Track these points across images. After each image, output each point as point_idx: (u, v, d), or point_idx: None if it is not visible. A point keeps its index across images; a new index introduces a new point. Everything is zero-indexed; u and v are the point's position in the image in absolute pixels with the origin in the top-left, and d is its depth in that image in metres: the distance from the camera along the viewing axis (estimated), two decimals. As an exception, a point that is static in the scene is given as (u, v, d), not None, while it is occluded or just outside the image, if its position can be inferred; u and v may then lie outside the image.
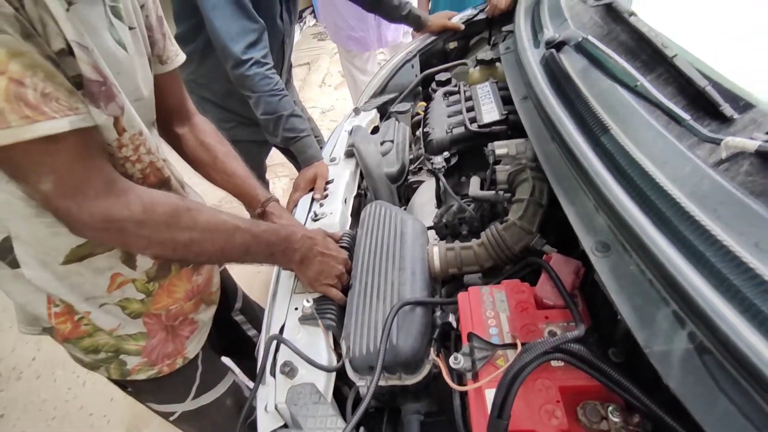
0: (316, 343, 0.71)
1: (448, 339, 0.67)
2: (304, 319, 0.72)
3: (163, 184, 0.69)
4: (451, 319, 0.67)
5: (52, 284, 0.62)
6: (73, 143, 0.45)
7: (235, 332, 1.08)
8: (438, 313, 0.68)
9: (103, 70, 0.54)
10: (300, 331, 0.73)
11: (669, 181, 0.50)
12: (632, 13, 0.75)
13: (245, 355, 1.09)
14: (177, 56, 0.77)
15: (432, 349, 0.64)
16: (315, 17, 4.61)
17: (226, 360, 1.04)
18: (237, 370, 1.11)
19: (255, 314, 1.12)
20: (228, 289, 1.03)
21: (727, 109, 0.51)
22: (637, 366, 0.51)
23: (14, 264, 0.59)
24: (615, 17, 0.81)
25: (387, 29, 2.07)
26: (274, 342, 0.71)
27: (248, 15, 1.09)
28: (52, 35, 0.46)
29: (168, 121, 0.81)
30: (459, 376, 0.59)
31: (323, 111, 3.47)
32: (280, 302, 0.79)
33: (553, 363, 0.52)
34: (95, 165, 0.49)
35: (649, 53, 0.68)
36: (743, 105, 0.52)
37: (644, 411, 0.45)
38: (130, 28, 0.62)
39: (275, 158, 3.07)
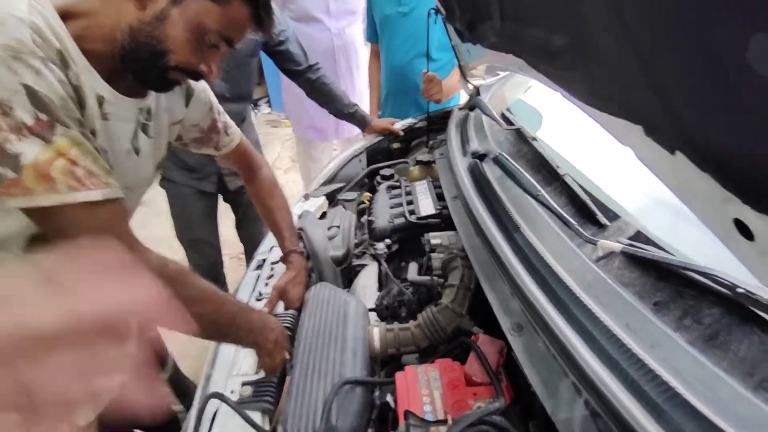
0: (249, 429, 0.69)
1: (385, 419, 0.69)
2: (242, 402, 0.70)
3: None
4: (389, 399, 0.70)
5: None
6: (106, 211, 0.55)
7: None
8: (377, 393, 0.71)
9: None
10: (234, 416, 0.70)
11: (565, 271, 0.62)
12: (534, 138, 0.96)
13: (164, 430, 0.99)
14: (231, 143, 0.96)
15: (370, 430, 0.66)
16: (270, 106, 4.95)
17: None
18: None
19: (184, 387, 1.05)
20: (156, 352, 0.99)
21: (601, 218, 0.67)
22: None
23: None
24: (522, 139, 1.01)
25: (345, 123, 2.30)
26: (206, 425, 0.68)
27: None
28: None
29: (244, 177, 1.06)
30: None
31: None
32: (215, 383, 0.77)
33: (481, 437, 0.57)
34: (122, 228, 0.57)
35: (547, 170, 0.86)
36: (612, 215, 0.68)
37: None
38: (150, 137, 0.76)
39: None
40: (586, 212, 0.70)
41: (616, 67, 0.45)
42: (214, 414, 0.71)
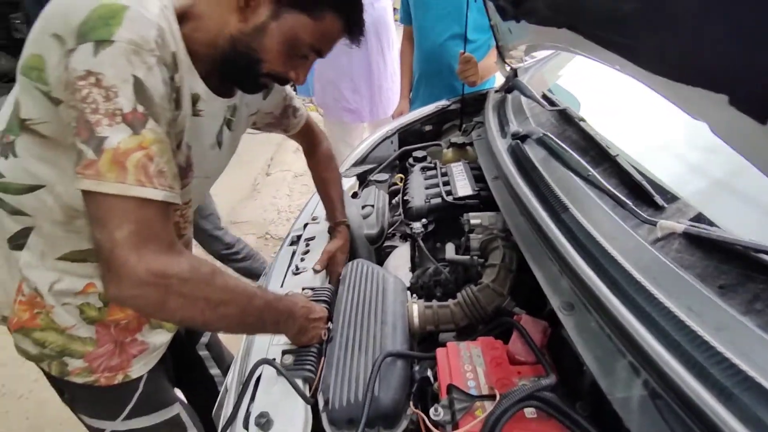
0: (293, 394, 0.70)
1: (424, 394, 0.70)
2: (285, 369, 0.72)
3: (186, 245, 0.84)
4: (429, 374, 0.70)
5: (37, 270, 0.70)
6: (157, 209, 0.55)
7: (196, 367, 1.07)
8: (416, 368, 0.71)
9: (191, 161, 0.72)
10: (277, 382, 0.72)
11: (618, 252, 0.60)
12: (582, 119, 0.92)
13: (201, 392, 1.06)
14: (298, 124, 1.03)
15: (411, 403, 0.66)
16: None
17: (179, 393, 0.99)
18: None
19: (221, 353, 1.10)
20: None
21: (658, 199, 0.64)
22: (601, 418, 0.56)
23: (19, 247, 0.70)
24: (568, 120, 0.98)
25: (379, 104, 2.28)
26: (250, 390, 0.69)
27: None
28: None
29: (305, 150, 1.12)
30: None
31: (296, 175, 3.59)
32: (258, 351, 0.78)
33: (527, 415, 0.56)
34: (166, 228, 0.57)
35: (596, 151, 0.83)
36: (670, 197, 0.65)
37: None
38: (231, 131, 0.82)
39: (242, 215, 3.08)
40: (641, 194, 0.68)
41: (696, 28, 0.42)
42: (258, 379, 0.72)
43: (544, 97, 1.15)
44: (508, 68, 1.45)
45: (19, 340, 0.75)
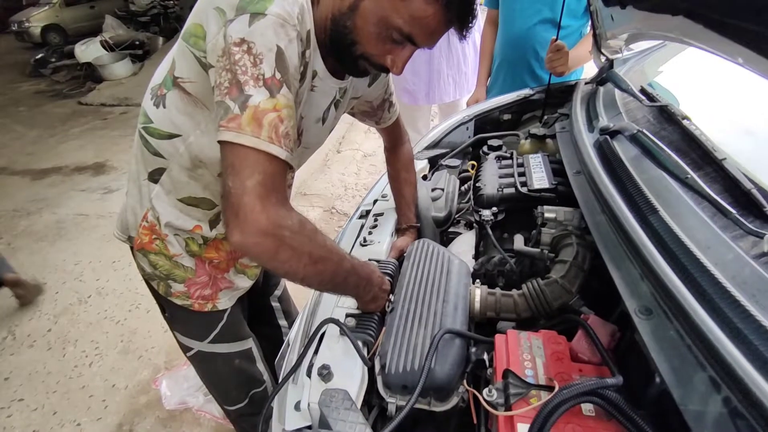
0: (352, 354, 0.75)
1: (479, 377, 0.71)
2: (348, 330, 0.77)
3: None
4: (485, 357, 0.71)
5: (162, 204, 0.84)
6: (280, 166, 0.62)
7: (267, 316, 1.23)
8: (473, 349, 0.72)
9: (302, 130, 0.82)
10: (339, 341, 0.77)
11: (711, 263, 0.56)
12: (686, 117, 0.85)
13: (269, 339, 1.19)
14: (390, 120, 1.06)
15: (464, 381, 0.68)
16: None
17: None
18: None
19: (290, 307, 1.24)
20: (271, 275, 1.21)
21: (769, 210, 0.58)
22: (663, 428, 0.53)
23: (155, 181, 0.83)
24: (668, 118, 0.90)
25: (436, 88, 2.25)
26: (314, 345, 0.75)
27: None
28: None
29: (386, 145, 1.15)
30: (486, 413, 0.62)
31: (365, 155, 3.66)
32: (323, 311, 0.84)
33: (585, 412, 0.55)
34: (284, 185, 0.65)
35: (699, 153, 0.76)
36: (784, 209, 0.58)
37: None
38: (336, 111, 0.89)
39: (312, 188, 3.23)
40: (748, 203, 0.61)
41: None
42: (322, 336, 0.78)
43: (643, 91, 1.07)
44: (603, 59, 1.35)
45: (140, 258, 0.91)
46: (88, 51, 6.88)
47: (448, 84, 2.23)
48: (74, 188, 3.61)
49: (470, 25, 0.69)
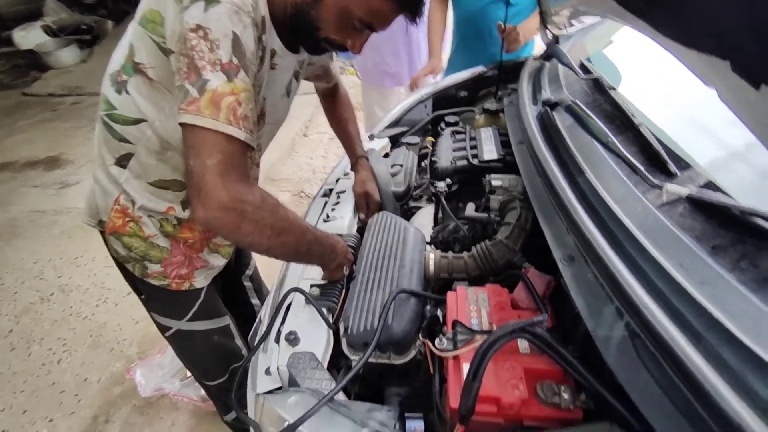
0: (318, 320, 0.80)
1: (433, 330, 0.78)
2: (313, 299, 0.82)
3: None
4: (438, 313, 0.78)
5: (133, 187, 0.86)
6: (239, 147, 0.65)
7: (239, 294, 1.27)
8: (428, 307, 0.79)
9: (265, 110, 0.84)
10: (305, 309, 0.83)
11: (625, 214, 0.64)
12: (613, 87, 0.93)
13: (241, 316, 1.23)
14: (335, 77, 1.15)
15: (420, 336, 0.75)
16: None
17: None
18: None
19: (261, 286, 1.30)
20: (243, 254, 1.26)
21: (671, 166, 0.66)
22: (588, 361, 0.62)
23: (123, 166, 0.84)
24: (599, 89, 0.99)
25: (417, 65, 2.28)
26: (281, 314, 0.80)
27: None
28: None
29: (325, 93, 1.21)
30: (440, 360, 0.69)
31: (332, 137, 3.66)
32: (289, 282, 0.89)
33: (521, 350, 0.63)
34: (244, 164, 0.68)
35: (621, 120, 0.85)
36: (683, 165, 0.67)
37: (590, 390, 0.56)
38: (297, 81, 0.94)
39: (280, 172, 3.22)
40: (656, 161, 0.70)
41: (717, 6, 0.44)
42: (288, 307, 0.83)
43: (581, 65, 1.15)
44: (549, 35, 1.42)
45: (113, 242, 0.92)
46: (29, 37, 6.38)
47: (427, 60, 2.26)
48: (26, 184, 3.43)
49: (420, 14, 0.77)
